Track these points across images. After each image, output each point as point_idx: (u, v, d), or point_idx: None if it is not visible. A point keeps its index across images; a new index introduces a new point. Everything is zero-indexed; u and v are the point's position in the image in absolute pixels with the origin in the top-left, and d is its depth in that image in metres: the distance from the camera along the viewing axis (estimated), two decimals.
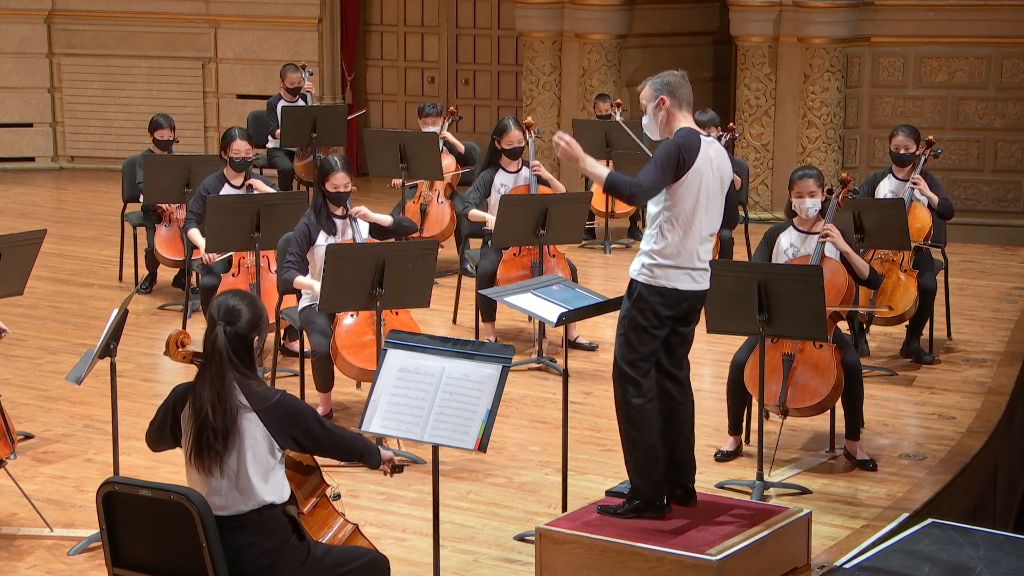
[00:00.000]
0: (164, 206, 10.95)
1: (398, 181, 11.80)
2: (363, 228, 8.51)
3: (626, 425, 6.40)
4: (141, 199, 11.06)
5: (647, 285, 6.30)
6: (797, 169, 8.25)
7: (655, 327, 6.30)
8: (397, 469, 5.52)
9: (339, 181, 8.42)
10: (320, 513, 5.45)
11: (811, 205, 8.01)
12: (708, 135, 6.41)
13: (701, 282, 6.37)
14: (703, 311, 7.41)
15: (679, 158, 6.20)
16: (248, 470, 5.03)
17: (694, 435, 6.57)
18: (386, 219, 8.62)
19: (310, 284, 8.28)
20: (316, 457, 5.45)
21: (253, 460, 5.04)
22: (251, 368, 5.11)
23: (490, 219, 9.92)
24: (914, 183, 9.62)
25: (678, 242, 6.26)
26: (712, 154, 6.32)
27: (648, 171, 6.26)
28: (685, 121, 6.34)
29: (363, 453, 5.36)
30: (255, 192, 9.78)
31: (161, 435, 5.23)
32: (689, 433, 6.53)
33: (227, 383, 5.02)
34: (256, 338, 5.13)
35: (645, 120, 6.42)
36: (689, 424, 6.52)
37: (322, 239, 8.38)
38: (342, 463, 5.82)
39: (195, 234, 9.89)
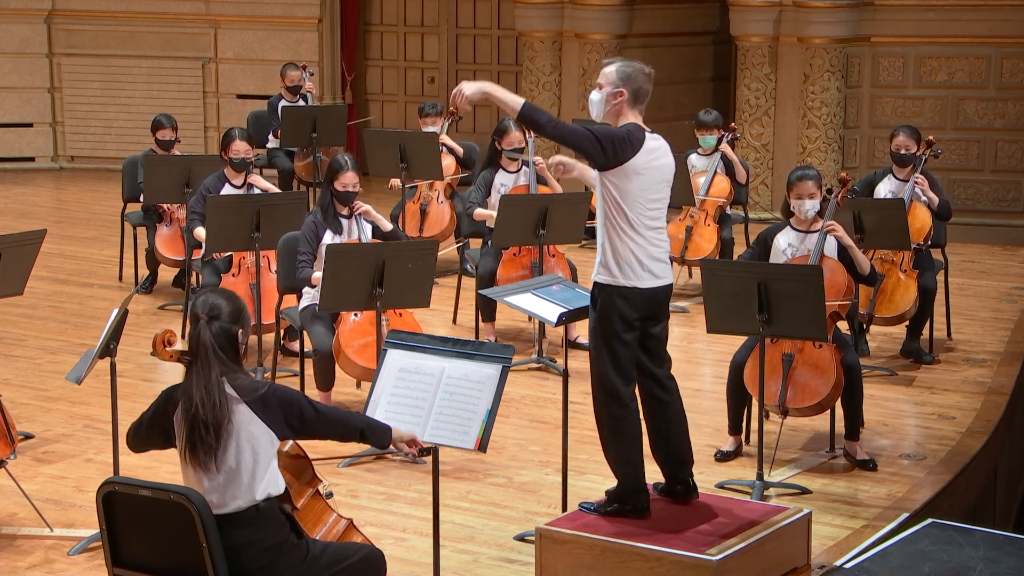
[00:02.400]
0: (164, 206, 10.96)
1: (396, 182, 11.80)
2: (368, 229, 8.52)
3: (608, 435, 6.38)
4: (141, 199, 11.07)
5: (608, 287, 6.25)
6: (796, 170, 8.20)
7: (624, 330, 6.26)
8: (424, 452, 5.46)
9: (348, 180, 8.44)
10: (314, 509, 5.44)
11: (810, 207, 7.99)
12: (653, 132, 6.30)
13: (662, 276, 6.30)
14: (703, 311, 7.45)
15: (615, 146, 6.12)
16: (245, 464, 5.03)
17: (687, 428, 6.54)
18: (387, 224, 8.63)
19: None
20: (309, 451, 5.46)
21: (251, 454, 5.04)
22: (237, 362, 5.13)
23: (495, 216, 9.92)
24: (917, 182, 9.61)
25: (631, 239, 6.20)
26: (656, 149, 6.25)
27: (578, 129, 6.20)
28: (634, 119, 6.28)
29: (363, 430, 5.29)
30: (254, 189, 9.78)
31: (149, 437, 5.23)
32: (681, 426, 6.48)
33: (214, 377, 5.03)
34: (240, 331, 5.15)
35: (595, 95, 6.31)
36: (679, 418, 6.47)
37: (328, 237, 8.40)
38: (345, 445, 5.78)
39: (202, 232, 9.88)
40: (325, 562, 5.13)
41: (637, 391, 6.45)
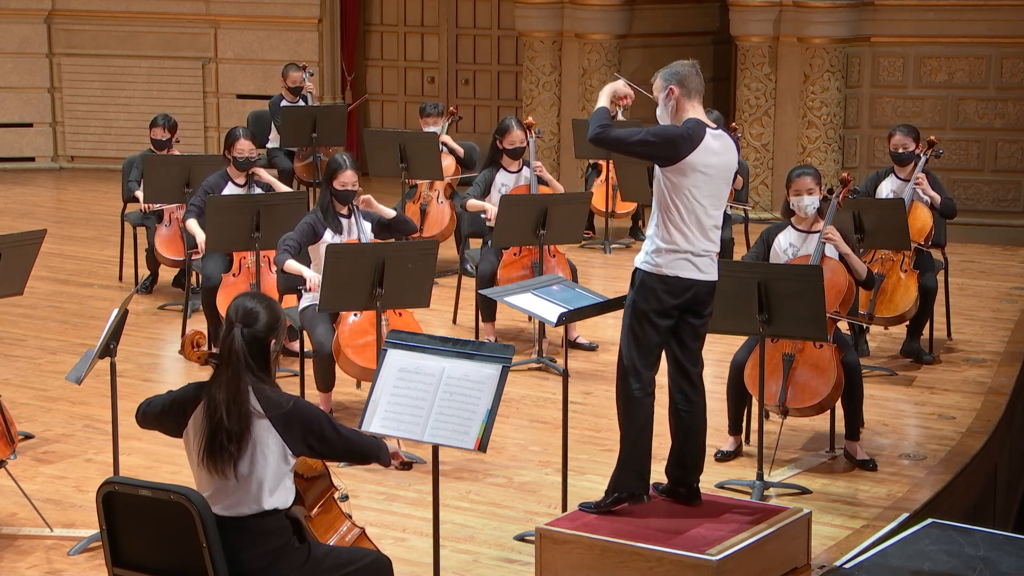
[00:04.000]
0: (153, 206, 10.94)
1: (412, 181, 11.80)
2: (367, 228, 8.52)
3: (622, 414, 6.42)
4: (140, 197, 11.06)
5: (649, 273, 6.30)
6: (795, 168, 8.24)
7: (657, 314, 6.29)
8: (405, 466, 5.50)
9: (347, 179, 8.44)
10: (327, 516, 5.44)
11: (809, 203, 8.00)
12: (717, 128, 6.39)
13: (706, 271, 6.33)
14: None
15: (672, 145, 6.21)
16: (258, 476, 5.01)
17: (705, 436, 6.57)
18: (389, 212, 8.63)
19: (299, 270, 8.30)
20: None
21: (264, 466, 5.02)
22: (267, 372, 5.08)
23: (489, 208, 9.93)
24: (916, 182, 9.62)
25: (680, 232, 6.25)
26: (717, 147, 6.30)
27: (632, 132, 6.32)
28: (694, 112, 6.34)
29: (376, 454, 5.31)
30: (258, 181, 9.78)
31: (159, 422, 5.20)
32: (700, 433, 6.53)
33: (243, 385, 4.99)
34: (273, 341, 5.11)
35: (659, 111, 6.42)
36: (700, 425, 6.52)
37: (328, 236, 8.40)
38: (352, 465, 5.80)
39: (193, 224, 9.87)
40: (328, 566, 5.11)
41: (668, 387, 6.47)
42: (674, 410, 6.50)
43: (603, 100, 6.47)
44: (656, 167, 6.34)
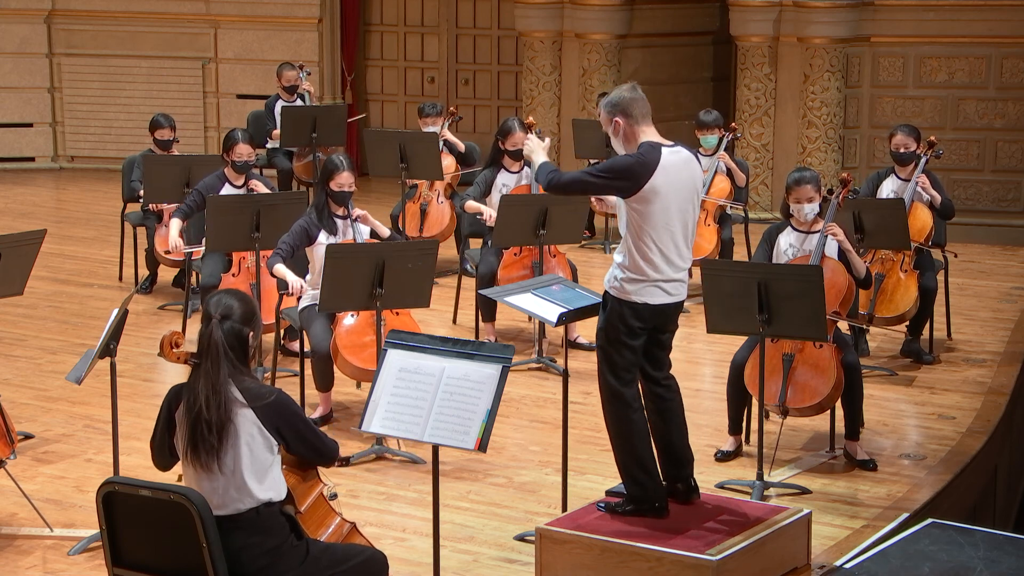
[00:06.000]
0: (160, 206, 10.95)
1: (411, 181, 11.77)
2: (364, 230, 8.51)
3: (616, 436, 6.40)
4: (140, 198, 11.06)
5: (618, 299, 6.28)
6: (793, 173, 8.17)
7: (628, 336, 6.28)
8: (343, 461, 5.54)
9: (344, 180, 8.44)
10: (317, 512, 5.45)
11: (809, 211, 7.99)
12: (675, 145, 6.30)
13: (675, 294, 6.32)
14: (703, 311, 7.45)
15: (626, 176, 6.16)
16: (245, 468, 5.04)
17: (686, 427, 6.55)
18: (385, 231, 8.63)
19: (283, 275, 8.31)
20: None
21: (250, 457, 5.04)
22: (246, 365, 5.13)
23: (486, 210, 9.93)
24: (918, 181, 9.61)
25: (649, 262, 6.21)
26: (676, 165, 6.23)
27: (582, 173, 6.31)
28: (645, 135, 6.28)
29: (332, 456, 5.39)
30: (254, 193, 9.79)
31: (163, 444, 5.23)
32: (681, 426, 6.50)
33: (222, 377, 5.04)
34: (251, 334, 5.15)
35: (613, 143, 6.40)
36: (679, 417, 6.49)
37: (323, 238, 8.39)
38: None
39: (177, 224, 9.87)
40: (326, 563, 5.13)
41: (642, 393, 6.46)
42: (652, 413, 6.47)
43: (542, 156, 6.45)
44: (620, 202, 6.30)
